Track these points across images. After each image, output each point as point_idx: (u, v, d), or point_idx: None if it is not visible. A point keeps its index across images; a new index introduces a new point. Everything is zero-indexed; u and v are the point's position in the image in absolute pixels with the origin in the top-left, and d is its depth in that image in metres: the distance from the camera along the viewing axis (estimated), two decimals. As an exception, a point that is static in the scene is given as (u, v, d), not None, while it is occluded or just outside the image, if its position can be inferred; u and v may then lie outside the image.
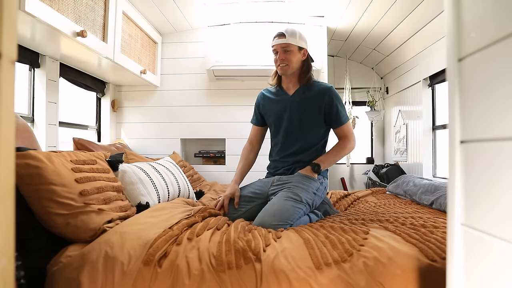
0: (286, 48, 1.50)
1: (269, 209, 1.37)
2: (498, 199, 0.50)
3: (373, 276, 0.85)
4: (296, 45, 1.51)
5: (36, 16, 1.37)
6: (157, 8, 2.43)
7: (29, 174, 0.99)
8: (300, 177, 1.50)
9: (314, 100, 1.54)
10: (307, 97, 1.55)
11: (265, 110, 1.67)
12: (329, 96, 1.53)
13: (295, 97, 1.58)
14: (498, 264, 0.50)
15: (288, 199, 1.39)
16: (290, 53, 1.51)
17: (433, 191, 1.77)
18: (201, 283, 0.88)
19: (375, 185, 3.17)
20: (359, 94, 3.64)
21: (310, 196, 1.46)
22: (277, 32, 1.53)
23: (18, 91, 1.87)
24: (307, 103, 1.55)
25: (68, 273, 0.90)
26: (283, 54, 1.51)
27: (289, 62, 1.51)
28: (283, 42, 1.50)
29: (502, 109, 0.50)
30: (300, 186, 1.45)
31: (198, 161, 3.01)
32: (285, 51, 1.51)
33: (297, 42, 1.51)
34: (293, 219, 1.35)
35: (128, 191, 1.37)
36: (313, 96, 1.55)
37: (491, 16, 0.52)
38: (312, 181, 1.49)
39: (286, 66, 1.52)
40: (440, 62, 2.43)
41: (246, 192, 1.58)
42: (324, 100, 1.53)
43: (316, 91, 1.55)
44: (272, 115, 1.64)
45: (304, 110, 1.55)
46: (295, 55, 1.52)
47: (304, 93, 1.56)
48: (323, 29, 2.77)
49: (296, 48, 1.52)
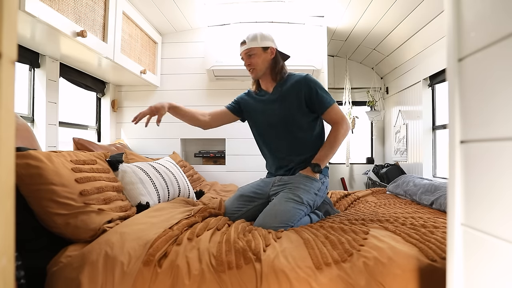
0: (249, 53, 1.53)
1: (270, 211, 1.37)
2: (498, 199, 0.50)
3: (373, 276, 0.85)
4: (258, 47, 1.52)
5: (36, 16, 1.37)
6: (157, 8, 2.43)
7: (29, 174, 0.99)
8: (301, 177, 1.49)
9: (292, 92, 1.53)
10: (285, 91, 1.54)
11: (248, 108, 1.66)
12: (306, 84, 1.51)
13: (274, 94, 1.57)
14: (498, 264, 0.50)
15: (289, 200, 1.39)
16: (254, 56, 1.53)
17: (433, 191, 1.77)
18: (201, 283, 0.88)
19: (375, 185, 3.17)
20: (359, 94, 3.64)
21: (311, 197, 1.45)
22: (241, 40, 1.57)
23: (18, 91, 1.87)
24: (286, 97, 1.53)
25: (68, 273, 0.90)
26: (248, 59, 1.54)
27: (255, 65, 1.53)
28: (245, 48, 1.53)
29: (502, 109, 0.50)
30: (301, 187, 1.45)
31: (198, 161, 3.01)
32: (249, 56, 1.53)
33: (259, 44, 1.52)
34: (294, 220, 1.34)
35: (128, 191, 1.37)
36: (290, 89, 1.53)
37: (491, 16, 0.52)
38: (313, 182, 1.49)
39: (254, 69, 1.55)
40: (440, 62, 2.43)
41: (247, 191, 1.57)
42: (302, 89, 1.51)
43: (292, 83, 1.54)
44: (256, 115, 1.63)
45: (285, 105, 1.54)
46: (260, 57, 1.53)
47: (281, 89, 1.55)
48: (323, 29, 2.77)
49: (260, 49, 1.52)
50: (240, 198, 1.55)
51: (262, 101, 1.61)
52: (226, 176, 2.84)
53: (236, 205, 1.52)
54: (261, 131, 1.65)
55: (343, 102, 3.44)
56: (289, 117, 1.53)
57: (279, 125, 1.56)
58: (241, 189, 1.62)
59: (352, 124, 3.39)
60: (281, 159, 1.60)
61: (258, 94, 1.64)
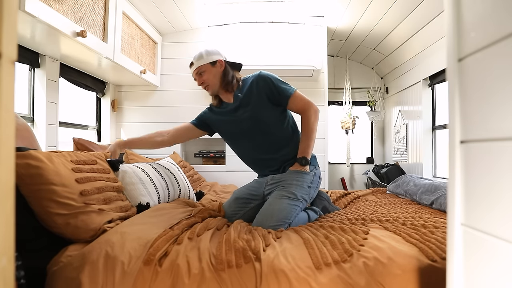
0: (199, 71, 1.54)
1: (266, 210, 1.37)
2: (499, 199, 0.50)
3: (373, 276, 0.85)
4: (205, 63, 1.53)
5: (36, 16, 1.37)
6: (157, 8, 2.43)
7: (29, 174, 0.99)
8: (292, 173, 1.48)
9: (251, 94, 1.51)
10: (244, 96, 1.53)
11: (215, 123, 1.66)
12: (262, 81, 1.50)
13: (235, 102, 1.56)
14: (499, 264, 0.50)
15: (284, 198, 1.39)
16: (204, 73, 1.54)
17: (433, 191, 1.77)
18: (201, 282, 0.88)
19: (375, 185, 3.17)
20: (359, 94, 3.64)
21: (305, 191, 1.45)
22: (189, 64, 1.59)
23: (18, 91, 1.87)
24: (248, 100, 1.52)
25: (69, 273, 0.90)
26: (199, 78, 1.55)
27: (208, 82, 1.55)
28: (194, 68, 1.55)
29: (502, 109, 0.50)
30: (293, 183, 1.45)
31: (198, 161, 3.01)
32: (200, 75, 1.55)
33: (206, 60, 1.53)
34: (291, 217, 1.35)
35: (129, 191, 1.37)
36: (248, 91, 1.52)
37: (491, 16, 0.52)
38: (305, 175, 1.48)
39: (208, 86, 1.56)
40: (440, 62, 2.43)
41: (242, 194, 1.57)
42: (260, 87, 1.50)
43: (249, 86, 1.53)
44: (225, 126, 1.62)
45: (249, 108, 1.52)
46: (211, 72, 1.54)
47: (241, 94, 1.54)
48: (323, 29, 2.77)
49: (208, 65, 1.53)
50: (236, 201, 1.55)
51: (226, 113, 1.60)
52: (226, 176, 2.84)
53: (233, 208, 1.52)
54: (235, 141, 1.64)
55: (343, 102, 3.44)
56: (257, 117, 1.51)
57: (250, 128, 1.54)
58: (236, 192, 1.61)
59: (352, 124, 3.39)
60: (263, 161, 1.58)
61: (221, 108, 1.63)
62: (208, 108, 1.71)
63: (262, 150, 1.55)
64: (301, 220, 1.42)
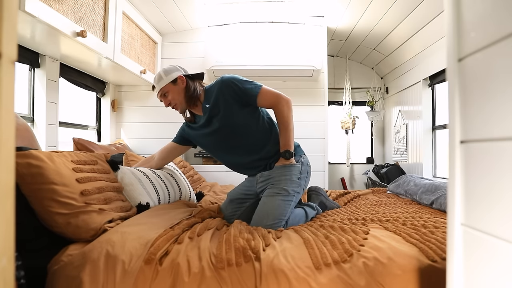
0: (162, 93, 1.52)
1: (260, 210, 1.38)
2: (499, 199, 0.50)
3: (373, 277, 0.85)
4: (166, 83, 1.50)
5: (36, 16, 1.37)
6: (157, 8, 2.43)
7: (30, 173, 0.99)
8: (279, 169, 1.47)
9: (219, 100, 1.47)
10: (212, 105, 1.49)
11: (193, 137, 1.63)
12: (226, 86, 1.46)
13: (205, 113, 1.52)
14: (499, 265, 0.50)
15: (276, 195, 1.40)
16: (168, 94, 1.52)
17: (434, 191, 1.77)
18: (201, 281, 0.88)
19: (375, 185, 3.17)
20: (359, 94, 3.64)
21: (296, 184, 1.44)
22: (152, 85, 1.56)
23: (18, 91, 1.87)
24: (216, 108, 1.48)
25: (69, 272, 0.90)
26: (165, 99, 1.53)
27: (175, 101, 1.52)
28: (157, 91, 1.54)
29: (502, 109, 0.50)
30: (282, 178, 1.44)
31: (198, 161, 3.01)
32: (165, 96, 1.53)
33: (166, 80, 1.50)
34: (286, 213, 1.36)
35: (128, 192, 1.37)
36: (214, 99, 1.48)
37: (491, 16, 0.52)
38: (292, 168, 1.46)
39: (175, 105, 1.53)
40: (440, 62, 2.43)
41: (236, 194, 1.57)
42: (225, 93, 1.46)
43: (214, 94, 1.48)
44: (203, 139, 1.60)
45: (220, 115, 1.48)
46: (174, 91, 1.51)
47: (209, 104, 1.51)
48: (323, 29, 2.77)
49: (170, 85, 1.50)
50: (231, 203, 1.55)
51: (201, 126, 1.57)
52: (226, 176, 2.84)
53: (230, 210, 1.53)
54: (217, 151, 1.61)
55: (343, 102, 3.44)
56: (231, 123, 1.48)
57: (227, 135, 1.50)
58: (230, 194, 1.61)
59: (352, 124, 3.39)
60: (248, 164, 1.56)
61: (196, 122, 1.60)
62: (185, 124, 1.68)
63: (245, 154, 1.52)
64: (298, 216, 1.43)
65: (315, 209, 1.56)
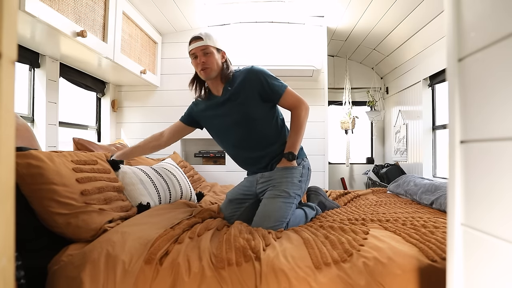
0: (205, 50, 1.44)
1: (262, 212, 1.37)
2: (499, 199, 0.50)
3: (373, 276, 0.85)
4: (214, 46, 1.46)
5: (36, 16, 1.37)
6: (157, 8, 2.43)
7: (30, 173, 0.99)
8: (281, 171, 1.46)
9: (243, 88, 1.46)
10: (235, 89, 1.48)
11: (202, 117, 1.61)
12: (255, 77, 1.45)
13: (225, 95, 1.50)
14: (499, 265, 0.50)
15: (277, 197, 1.39)
16: (210, 55, 1.44)
17: (434, 191, 1.77)
18: (202, 281, 0.88)
19: (375, 185, 3.17)
20: (359, 94, 3.64)
21: (297, 186, 1.45)
22: (192, 36, 1.47)
23: (18, 91, 1.87)
24: (238, 94, 1.47)
25: (70, 272, 0.90)
26: (203, 57, 1.44)
27: (211, 65, 1.45)
28: (202, 44, 1.44)
29: (502, 109, 0.50)
30: (283, 180, 1.43)
31: (198, 161, 3.01)
32: (205, 54, 1.44)
33: (215, 44, 1.46)
34: (287, 216, 1.36)
35: (129, 191, 1.37)
36: (240, 85, 1.47)
37: (491, 16, 0.52)
38: (293, 170, 1.46)
39: (208, 69, 1.45)
40: (440, 62, 2.43)
41: (235, 194, 1.57)
42: (252, 83, 1.45)
43: (241, 79, 1.47)
44: (212, 121, 1.57)
45: (239, 102, 1.46)
46: (215, 57, 1.46)
47: (231, 88, 1.49)
48: (323, 29, 2.77)
49: (215, 49, 1.46)
50: (230, 203, 1.54)
51: (214, 106, 1.54)
52: (226, 176, 2.84)
53: (230, 210, 1.52)
54: (222, 135, 1.59)
55: (343, 102, 3.44)
56: (246, 112, 1.47)
57: (238, 123, 1.49)
58: (229, 194, 1.60)
59: (352, 124, 3.39)
60: (250, 159, 1.55)
61: (209, 100, 1.57)
62: (194, 103, 1.65)
63: (250, 147, 1.52)
64: (298, 217, 1.43)
65: (315, 209, 1.56)
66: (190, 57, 1.49)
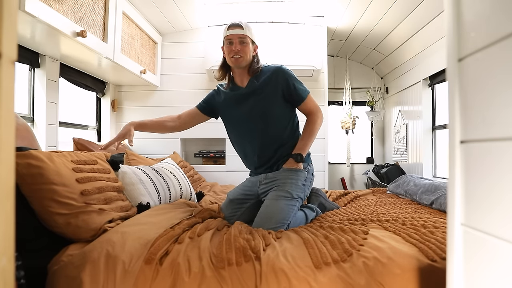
0: (243, 39, 1.47)
1: (264, 213, 1.37)
2: (499, 199, 0.50)
3: (373, 276, 0.85)
4: (251, 37, 1.49)
5: (36, 16, 1.37)
6: (157, 8, 2.43)
7: (30, 173, 0.99)
8: (286, 172, 1.47)
9: (268, 85, 1.48)
10: (260, 85, 1.49)
11: (220, 105, 1.61)
12: (282, 76, 1.48)
13: (249, 88, 1.51)
14: (499, 265, 0.50)
15: (280, 198, 1.39)
16: (246, 45, 1.47)
17: (433, 191, 1.77)
18: (202, 281, 0.88)
19: (375, 185, 3.17)
20: (359, 94, 3.64)
21: (300, 189, 1.45)
22: (232, 23, 1.49)
23: (18, 91, 1.87)
24: (263, 90, 1.49)
25: (70, 272, 0.90)
26: (239, 45, 1.46)
27: (244, 54, 1.47)
28: (241, 33, 1.46)
29: (503, 109, 0.50)
30: (288, 181, 1.44)
31: (198, 161, 3.01)
32: (242, 42, 1.47)
33: (252, 36, 1.50)
34: (289, 218, 1.35)
35: (129, 191, 1.37)
36: (266, 82, 1.48)
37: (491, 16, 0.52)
38: (299, 173, 1.47)
39: (241, 58, 1.46)
40: (440, 62, 2.43)
41: (236, 194, 1.56)
42: (279, 82, 1.47)
43: (267, 76, 1.49)
44: (230, 111, 1.58)
45: (261, 98, 1.49)
46: (249, 48, 1.49)
47: (256, 82, 1.50)
48: (323, 29, 2.77)
49: (251, 41, 1.50)
50: (231, 203, 1.54)
51: (235, 96, 1.55)
52: (226, 176, 2.84)
53: (230, 210, 1.52)
54: (237, 127, 1.59)
55: (343, 102, 3.44)
56: (266, 109, 1.49)
57: (255, 118, 1.50)
58: (230, 194, 1.60)
59: (352, 124, 3.39)
60: (259, 156, 1.54)
61: (230, 89, 1.58)
62: (215, 91, 1.65)
63: (263, 144, 1.52)
64: (299, 219, 1.42)
65: (315, 211, 1.56)
66: (225, 41, 1.50)
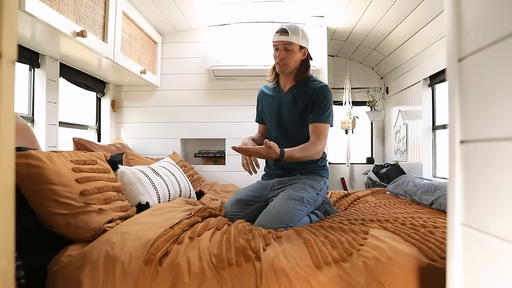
0: (287, 46, 1.45)
1: (270, 211, 1.35)
2: (499, 199, 0.50)
3: (373, 276, 0.85)
4: (297, 44, 1.46)
5: (36, 16, 1.37)
6: (157, 8, 2.43)
7: (30, 173, 0.99)
8: (304, 177, 1.48)
9: (304, 97, 1.49)
10: (299, 94, 1.50)
11: (264, 103, 1.66)
12: (321, 93, 1.47)
13: (288, 95, 1.53)
14: (499, 264, 0.50)
15: (290, 200, 1.37)
16: (290, 52, 1.45)
17: (433, 191, 1.77)
18: (202, 281, 0.88)
19: (375, 185, 3.17)
20: (359, 94, 3.64)
21: (312, 195, 1.44)
22: (280, 28, 1.47)
23: (18, 91, 1.86)
24: (299, 100, 1.50)
25: (69, 272, 0.90)
26: (283, 52, 1.46)
27: (288, 62, 1.47)
28: (286, 39, 1.44)
29: (502, 109, 0.50)
30: (302, 186, 1.44)
31: (198, 161, 3.01)
32: (286, 50, 1.45)
33: (299, 41, 1.46)
34: (294, 221, 1.32)
35: (127, 191, 1.37)
36: (305, 94, 1.50)
37: (491, 16, 0.52)
38: (314, 182, 1.48)
39: (285, 65, 1.48)
40: (440, 62, 2.43)
41: (244, 195, 1.55)
42: (314, 96, 1.47)
43: (308, 88, 1.49)
44: (267, 113, 1.63)
45: (295, 109, 1.51)
46: (295, 55, 1.47)
47: (297, 91, 1.51)
48: (323, 29, 2.77)
49: (298, 47, 1.47)
50: (238, 203, 1.52)
51: (275, 99, 1.59)
52: (226, 176, 2.84)
53: (235, 210, 1.50)
54: (270, 127, 1.65)
55: (343, 102, 3.44)
56: (295, 120, 1.51)
57: (285, 126, 1.55)
58: (239, 193, 1.59)
59: (352, 124, 3.39)
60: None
61: (272, 90, 1.62)
62: (265, 86, 1.68)
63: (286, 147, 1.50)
64: (303, 223, 1.41)
65: (319, 217, 1.55)
66: (273, 47, 1.51)
